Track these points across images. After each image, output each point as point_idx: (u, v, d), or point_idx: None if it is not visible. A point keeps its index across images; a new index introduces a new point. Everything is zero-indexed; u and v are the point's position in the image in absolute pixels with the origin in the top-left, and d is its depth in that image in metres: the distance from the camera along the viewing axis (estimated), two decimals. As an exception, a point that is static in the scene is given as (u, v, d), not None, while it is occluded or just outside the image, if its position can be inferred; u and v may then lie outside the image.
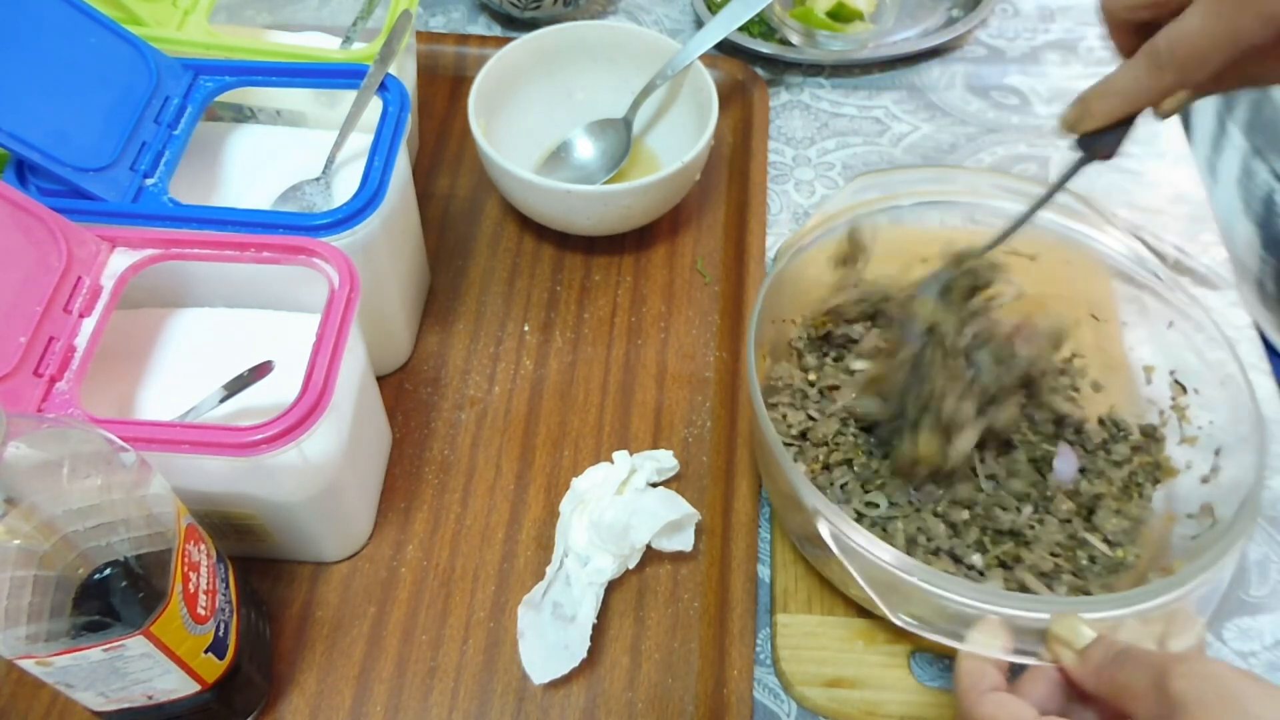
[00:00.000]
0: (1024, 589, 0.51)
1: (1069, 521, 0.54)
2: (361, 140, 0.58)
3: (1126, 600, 0.43)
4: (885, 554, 0.45)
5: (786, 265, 0.57)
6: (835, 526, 0.46)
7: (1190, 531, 0.52)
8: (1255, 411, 0.51)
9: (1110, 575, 0.52)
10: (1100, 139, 0.46)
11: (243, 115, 0.64)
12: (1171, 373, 0.57)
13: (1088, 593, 0.52)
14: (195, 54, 0.59)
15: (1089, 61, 0.87)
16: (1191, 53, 0.40)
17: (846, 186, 0.60)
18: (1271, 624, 0.57)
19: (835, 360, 0.61)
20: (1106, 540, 0.53)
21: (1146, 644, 0.40)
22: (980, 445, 0.54)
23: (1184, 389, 0.56)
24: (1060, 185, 0.49)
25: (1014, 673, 0.43)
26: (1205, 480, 0.53)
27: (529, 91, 0.75)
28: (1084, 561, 0.53)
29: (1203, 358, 0.54)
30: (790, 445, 0.57)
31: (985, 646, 0.42)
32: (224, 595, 0.47)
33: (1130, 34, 0.44)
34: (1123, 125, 0.46)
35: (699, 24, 0.88)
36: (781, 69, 0.86)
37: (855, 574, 0.46)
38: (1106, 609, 0.43)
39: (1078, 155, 0.47)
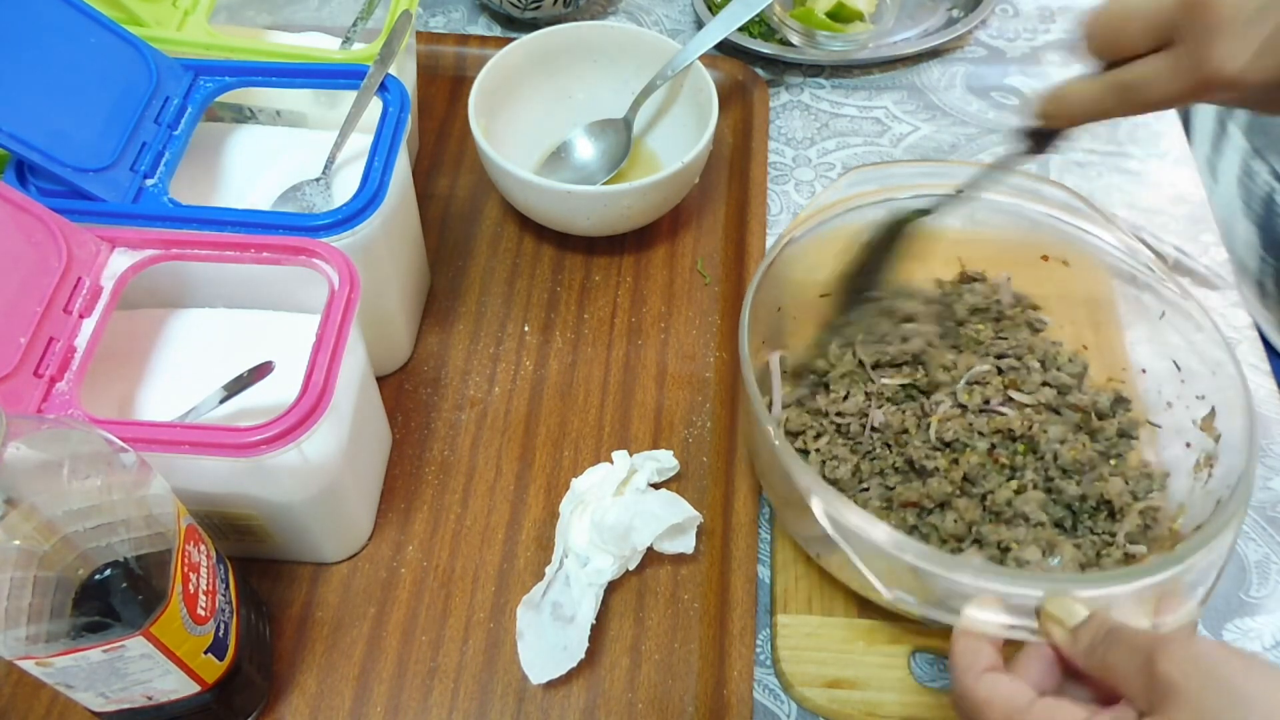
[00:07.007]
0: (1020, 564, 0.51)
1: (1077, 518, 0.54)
2: (361, 140, 0.58)
3: (1120, 578, 0.43)
4: (879, 533, 0.44)
5: (779, 256, 0.57)
6: (828, 504, 0.46)
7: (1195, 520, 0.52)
8: (1247, 400, 0.50)
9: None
10: (1049, 137, 0.50)
11: (243, 116, 0.64)
12: (1179, 370, 0.57)
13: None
14: (195, 54, 0.59)
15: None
16: (1158, 98, 0.46)
17: (841, 179, 0.59)
18: (1271, 624, 0.57)
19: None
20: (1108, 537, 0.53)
21: (1140, 622, 0.40)
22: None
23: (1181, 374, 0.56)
24: (998, 169, 0.54)
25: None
26: (1199, 468, 0.53)
27: (529, 92, 0.75)
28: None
29: (1200, 355, 0.54)
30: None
31: (979, 622, 0.42)
32: (224, 596, 0.47)
33: (1102, 60, 0.48)
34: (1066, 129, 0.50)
35: (699, 24, 0.88)
36: (781, 69, 0.86)
37: (850, 553, 0.45)
38: (1100, 586, 0.42)
39: (1022, 144, 0.51)
